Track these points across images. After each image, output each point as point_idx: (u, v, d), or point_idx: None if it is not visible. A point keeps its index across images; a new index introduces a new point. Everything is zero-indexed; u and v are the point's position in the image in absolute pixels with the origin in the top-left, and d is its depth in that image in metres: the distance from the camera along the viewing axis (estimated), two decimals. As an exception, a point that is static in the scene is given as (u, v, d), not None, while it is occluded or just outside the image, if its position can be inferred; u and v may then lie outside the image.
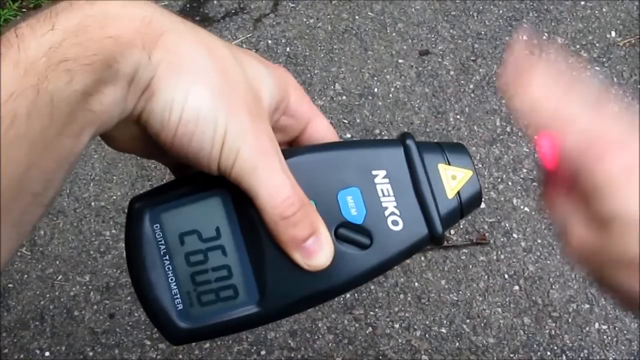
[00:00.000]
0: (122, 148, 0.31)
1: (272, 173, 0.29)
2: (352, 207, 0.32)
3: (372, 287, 1.08)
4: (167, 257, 0.32)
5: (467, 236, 1.13)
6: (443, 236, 0.33)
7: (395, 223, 0.32)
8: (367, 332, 1.05)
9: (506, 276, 1.10)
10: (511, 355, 1.04)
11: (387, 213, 0.32)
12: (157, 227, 0.32)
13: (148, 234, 0.31)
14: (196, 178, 0.32)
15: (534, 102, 0.30)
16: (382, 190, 0.32)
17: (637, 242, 0.28)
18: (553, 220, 0.33)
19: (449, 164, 0.33)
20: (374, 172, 0.32)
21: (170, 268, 0.32)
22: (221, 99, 0.28)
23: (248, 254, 0.32)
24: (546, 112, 0.30)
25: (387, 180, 0.32)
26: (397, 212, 0.32)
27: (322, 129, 0.35)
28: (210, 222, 0.32)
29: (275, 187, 0.29)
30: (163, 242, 0.32)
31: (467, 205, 0.33)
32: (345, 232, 0.32)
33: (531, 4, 1.38)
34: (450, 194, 0.33)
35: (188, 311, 0.32)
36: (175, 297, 0.32)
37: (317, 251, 0.31)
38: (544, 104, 0.30)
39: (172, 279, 0.32)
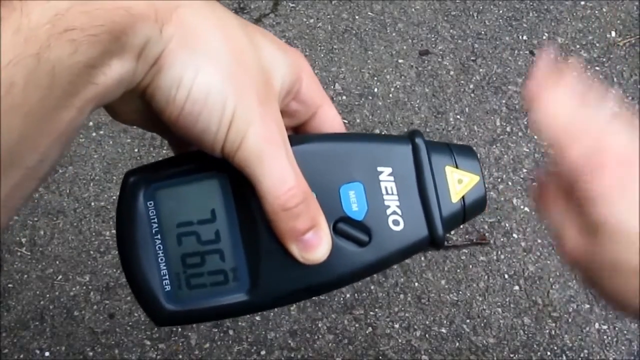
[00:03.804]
0: (124, 120, 0.31)
1: (277, 161, 0.29)
2: (353, 203, 0.31)
3: (372, 287, 1.08)
4: (159, 236, 0.31)
5: (467, 236, 1.13)
6: (443, 239, 0.32)
7: (396, 223, 0.32)
8: (367, 332, 1.05)
9: (506, 276, 1.10)
10: (511, 355, 1.04)
11: (388, 212, 0.32)
12: (150, 204, 0.31)
13: (141, 211, 0.31)
14: (197, 157, 0.31)
15: (550, 115, 0.33)
16: (386, 188, 0.32)
17: (624, 250, 0.30)
18: (548, 221, 0.35)
19: (457, 167, 0.33)
20: (379, 169, 0.32)
21: (161, 248, 0.31)
22: (231, 81, 0.28)
23: (242, 241, 0.31)
24: (559, 126, 0.32)
25: (392, 178, 0.32)
26: (399, 211, 0.32)
27: (330, 118, 0.35)
28: (206, 204, 0.31)
29: (279, 176, 0.29)
30: (156, 220, 0.31)
31: (471, 210, 0.33)
32: (344, 227, 0.31)
33: (531, 4, 1.38)
34: (455, 197, 0.32)
35: (176, 293, 0.31)
36: (163, 277, 0.31)
37: (316, 245, 0.30)
38: (558, 118, 0.32)
39: (162, 259, 0.31)
